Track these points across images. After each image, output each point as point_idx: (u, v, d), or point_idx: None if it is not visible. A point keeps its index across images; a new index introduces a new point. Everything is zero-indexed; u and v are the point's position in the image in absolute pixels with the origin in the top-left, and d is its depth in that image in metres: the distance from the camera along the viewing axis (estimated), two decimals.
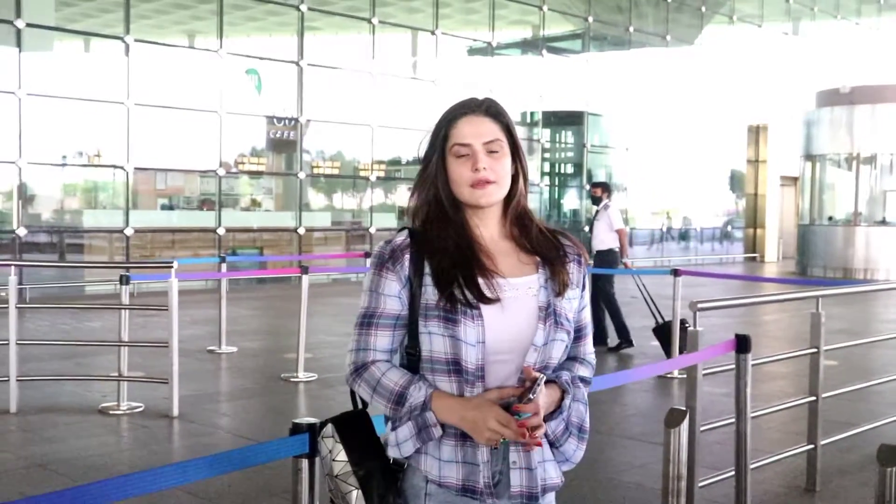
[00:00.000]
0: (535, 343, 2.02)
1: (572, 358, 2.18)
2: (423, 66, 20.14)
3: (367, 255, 11.51)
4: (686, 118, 25.73)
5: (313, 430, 2.30)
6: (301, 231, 17.83)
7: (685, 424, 3.99)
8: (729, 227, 28.82)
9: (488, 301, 2.01)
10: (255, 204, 18.63)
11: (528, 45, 22.94)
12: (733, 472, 4.49)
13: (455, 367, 2.00)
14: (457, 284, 2.01)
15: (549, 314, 2.05)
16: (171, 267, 6.72)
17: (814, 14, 30.08)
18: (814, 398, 5.37)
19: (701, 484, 4.49)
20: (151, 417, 6.72)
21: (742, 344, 4.27)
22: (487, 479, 2.00)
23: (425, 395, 2.00)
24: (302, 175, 18.02)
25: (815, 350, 5.36)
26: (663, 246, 26.10)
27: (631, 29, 24.54)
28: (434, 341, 2.01)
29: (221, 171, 16.83)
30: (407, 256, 2.07)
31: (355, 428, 2.09)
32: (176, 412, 6.71)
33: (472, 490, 2.01)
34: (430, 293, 2.03)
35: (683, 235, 27.15)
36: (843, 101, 21.98)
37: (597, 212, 10.82)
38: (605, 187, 10.93)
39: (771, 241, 28.86)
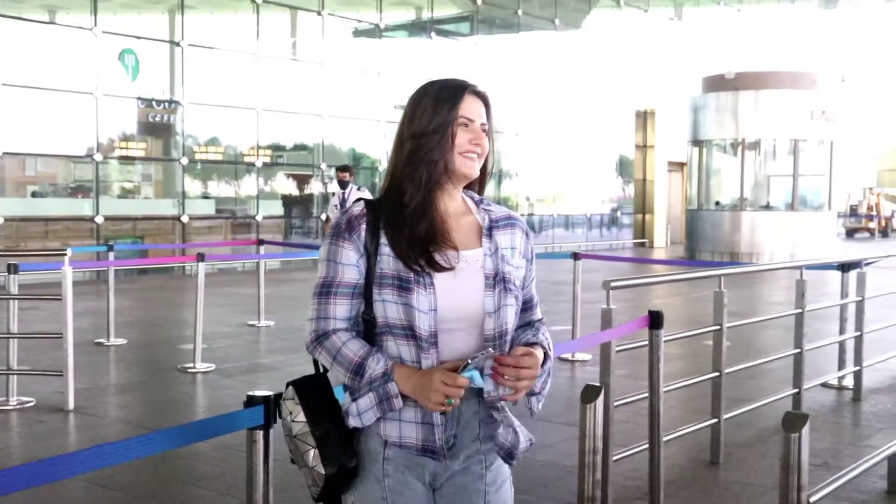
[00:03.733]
0: (488, 310, 2.19)
1: (527, 324, 2.35)
2: (308, 47, 20.09)
3: (260, 241, 11.50)
4: (575, 103, 26.37)
5: (268, 403, 2.43)
6: (184, 219, 17.61)
7: (600, 400, 4.23)
8: (618, 213, 29.65)
9: (441, 269, 2.16)
10: (133, 191, 18.28)
11: (416, 28, 23.11)
12: (646, 446, 4.77)
13: (410, 332, 2.14)
14: (412, 253, 2.16)
15: (497, 281, 2.21)
16: (65, 254, 6.65)
17: (697, 0, 31.20)
18: (717, 374, 5.71)
19: (614, 458, 4.75)
20: (45, 412, 6.64)
21: (655, 320, 4.55)
22: (442, 439, 2.16)
23: (385, 367, 2.13)
24: (184, 161, 17.79)
25: (718, 327, 5.70)
26: (553, 232, 26.71)
27: (520, 12, 25.00)
28: (388, 309, 2.15)
29: (98, 157, 16.46)
30: (363, 226, 2.20)
31: (314, 390, 2.23)
32: (71, 405, 6.65)
33: (432, 450, 2.17)
34: (384, 262, 2.17)
35: (573, 221, 27.81)
36: (728, 87, 22.85)
37: (345, 196, 11.14)
38: (353, 171, 11.45)
39: (659, 227, 29.80)
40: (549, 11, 26.02)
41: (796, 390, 6.60)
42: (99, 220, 16.33)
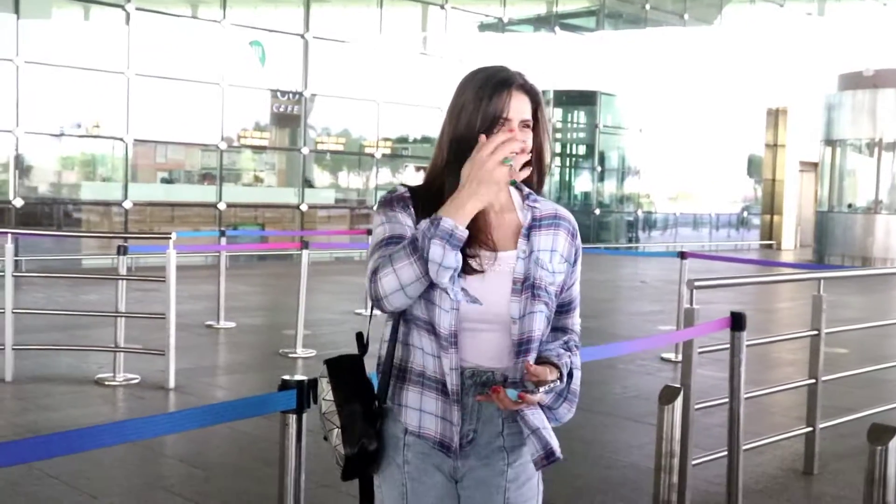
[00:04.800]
0: (513, 315, 2.12)
1: (561, 329, 2.26)
2: (431, 41, 20.22)
3: (370, 231, 11.65)
4: (703, 100, 25.74)
5: (301, 387, 2.45)
6: (304, 208, 17.98)
7: (679, 401, 4.14)
8: (745, 213, 28.84)
9: (472, 272, 2.10)
10: (257, 179, 18.78)
11: (540, 22, 22.99)
12: (726, 452, 4.63)
13: (431, 328, 2.11)
14: None
15: (525, 287, 2.13)
16: (170, 238, 6.88)
17: None
18: (813, 381, 5.50)
19: (694, 462, 4.63)
20: (147, 389, 6.90)
21: (737, 321, 4.40)
22: (455, 438, 2.14)
23: (430, 218, 2.04)
24: (305, 151, 18.15)
25: (815, 332, 5.49)
26: (677, 231, 26.20)
27: (647, 7, 24.56)
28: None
29: (223, 145, 16.97)
30: (410, 208, 2.16)
31: (346, 370, 2.26)
32: (172, 384, 6.89)
33: (448, 447, 2.15)
34: None
35: (698, 221, 27.21)
36: (866, 85, 21.97)
37: None
38: None
39: (788, 229, 28.87)
40: (679, 6, 25.49)
41: None
42: (221, 206, 16.82)
